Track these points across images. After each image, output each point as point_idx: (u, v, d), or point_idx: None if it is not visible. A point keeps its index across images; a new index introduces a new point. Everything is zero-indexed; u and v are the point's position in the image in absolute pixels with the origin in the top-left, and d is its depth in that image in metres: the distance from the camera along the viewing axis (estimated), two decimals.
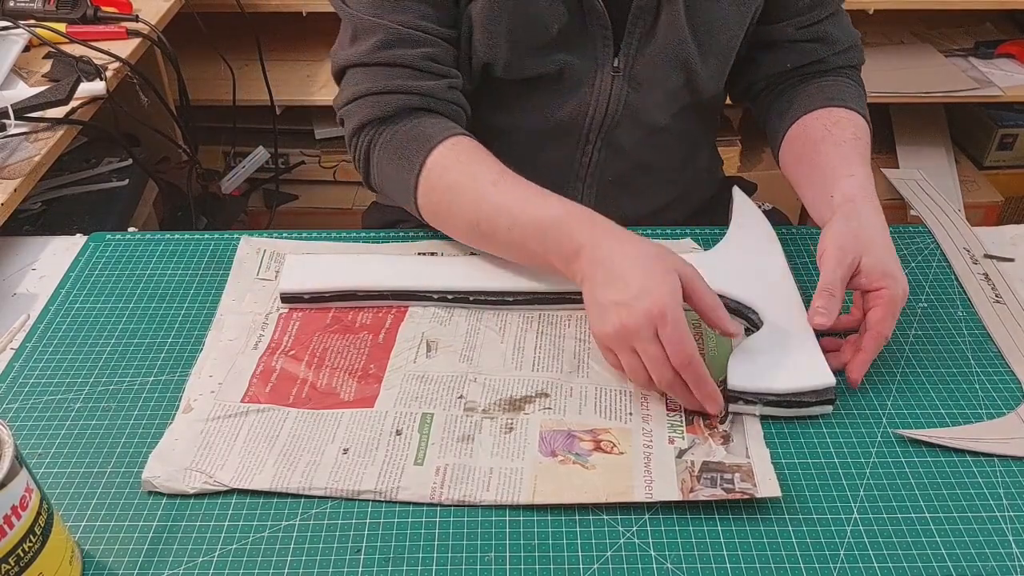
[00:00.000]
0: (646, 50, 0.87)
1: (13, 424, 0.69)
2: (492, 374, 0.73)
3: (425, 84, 0.82)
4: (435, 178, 0.79)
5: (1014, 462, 0.68)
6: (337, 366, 0.74)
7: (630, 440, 0.67)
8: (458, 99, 0.85)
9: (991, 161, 1.95)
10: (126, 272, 0.86)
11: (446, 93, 0.83)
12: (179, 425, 0.69)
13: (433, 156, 0.79)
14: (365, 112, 0.82)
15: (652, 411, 0.70)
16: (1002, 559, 0.61)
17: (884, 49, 1.90)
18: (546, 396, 0.71)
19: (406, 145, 0.80)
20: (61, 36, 1.24)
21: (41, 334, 0.78)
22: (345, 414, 0.70)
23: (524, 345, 0.77)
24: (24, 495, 0.53)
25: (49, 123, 1.05)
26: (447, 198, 0.79)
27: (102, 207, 1.35)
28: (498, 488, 0.64)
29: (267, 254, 0.86)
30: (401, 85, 0.81)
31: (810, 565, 0.60)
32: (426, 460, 0.66)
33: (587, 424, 0.69)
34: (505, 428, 0.68)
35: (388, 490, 0.64)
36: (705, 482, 0.64)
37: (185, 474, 0.65)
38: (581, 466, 0.65)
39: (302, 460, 0.66)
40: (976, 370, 0.76)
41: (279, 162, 1.86)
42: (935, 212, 0.97)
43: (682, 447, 0.67)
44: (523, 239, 0.75)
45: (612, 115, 0.90)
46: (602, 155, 0.93)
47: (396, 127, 0.81)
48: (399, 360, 0.75)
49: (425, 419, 0.69)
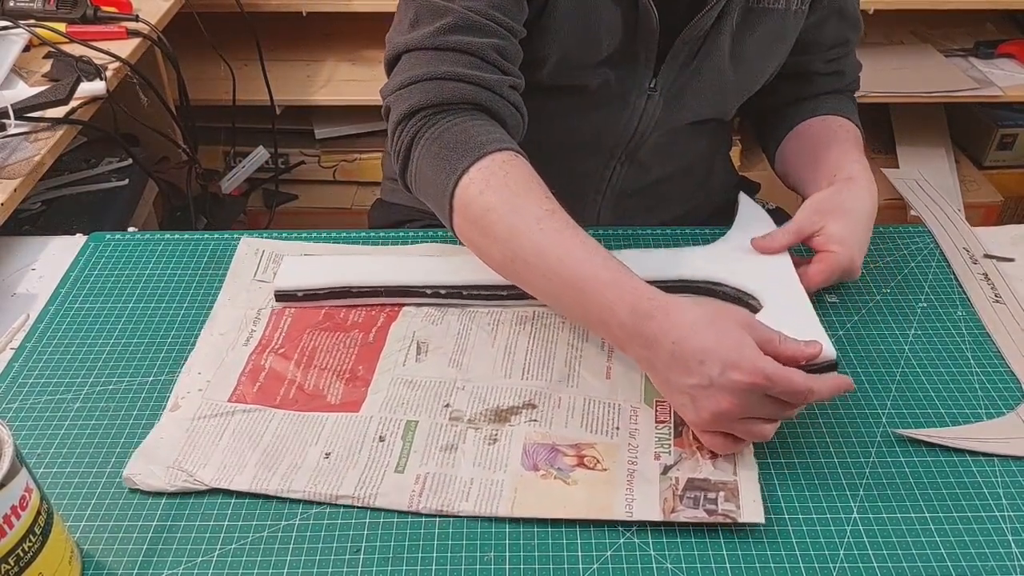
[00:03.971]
0: (684, 75, 0.87)
1: (13, 424, 0.69)
2: (480, 381, 0.73)
3: (489, 77, 0.75)
4: (475, 193, 0.70)
5: (1014, 462, 0.68)
6: (326, 366, 0.74)
7: (615, 456, 0.66)
8: (518, 101, 0.78)
9: (991, 161, 1.95)
10: (126, 272, 0.86)
11: (507, 92, 0.77)
12: (166, 423, 0.69)
13: (478, 166, 0.70)
14: (417, 98, 0.74)
15: (640, 424, 0.69)
16: (1002, 559, 0.61)
17: (884, 49, 1.90)
18: (533, 407, 0.70)
19: (453, 147, 0.72)
20: (61, 36, 1.24)
21: (41, 334, 0.78)
22: (330, 418, 0.70)
23: (515, 349, 0.76)
24: (24, 495, 0.53)
25: (49, 123, 1.05)
26: (483, 222, 0.71)
27: (102, 207, 1.35)
28: (477, 499, 0.63)
29: (266, 255, 0.86)
30: (463, 73, 0.73)
31: (810, 565, 0.60)
32: (407, 468, 0.65)
33: (572, 438, 0.68)
34: (489, 439, 0.68)
35: (366, 496, 0.63)
36: (688, 502, 0.63)
37: (167, 472, 0.65)
38: (563, 481, 0.65)
39: (284, 462, 0.66)
40: (976, 370, 0.76)
41: (279, 162, 1.86)
42: (935, 212, 0.97)
43: (668, 463, 0.66)
44: (560, 293, 0.69)
45: (641, 134, 0.90)
46: (624, 170, 0.93)
47: (447, 122, 0.73)
48: (388, 362, 0.75)
49: (409, 426, 0.69)
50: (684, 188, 1.00)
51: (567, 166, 0.92)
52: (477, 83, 0.74)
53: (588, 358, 0.74)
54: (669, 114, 0.89)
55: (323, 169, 1.90)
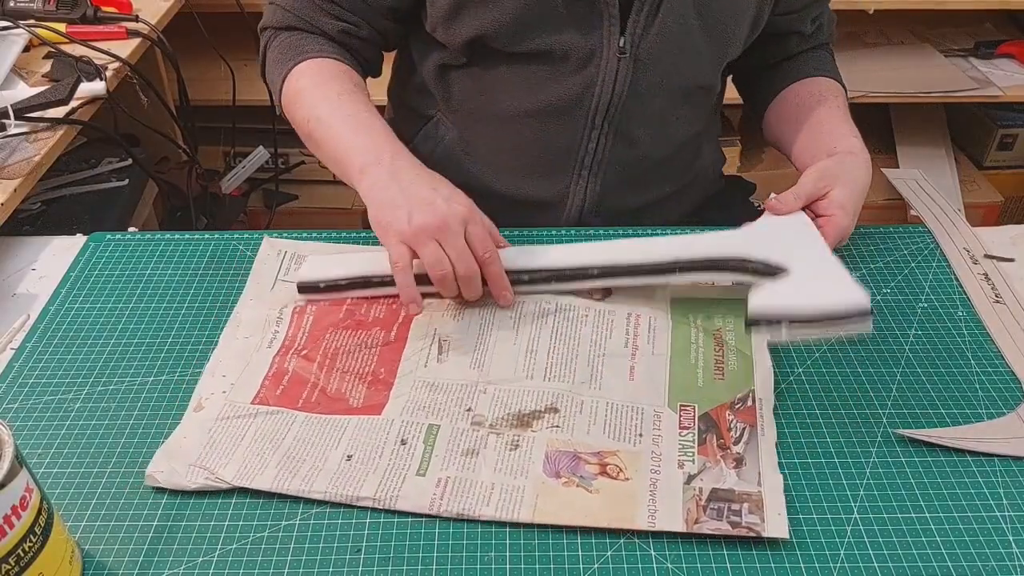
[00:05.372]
0: (651, 31, 0.87)
1: (13, 424, 0.69)
2: (502, 384, 0.72)
3: (322, 19, 0.92)
4: (294, 81, 0.89)
5: (1014, 462, 0.68)
6: (348, 369, 0.74)
7: (638, 464, 0.66)
8: (347, 41, 0.93)
9: (991, 161, 1.95)
10: (126, 272, 0.86)
11: (338, 34, 0.92)
12: (189, 423, 0.69)
13: (301, 65, 0.89)
14: (268, 17, 0.95)
15: (664, 431, 0.68)
16: (1002, 559, 0.61)
17: (884, 49, 1.91)
18: (555, 412, 0.70)
19: (286, 51, 0.92)
20: (61, 36, 1.24)
21: (41, 334, 0.78)
22: (352, 420, 0.70)
23: (537, 347, 0.75)
24: (24, 495, 0.53)
25: (49, 123, 1.05)
26: (296, 97, 0.89)
27: (102, 207, 1.35)
28: (498, 504, 0.63)
29: (288, 255, 0.86)
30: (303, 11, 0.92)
31: (810, 565, 0.60)
32: (428, 471, 0.65)
33: (595, 446, 0.67)
34: (511, 445, 0.67)
35: (387, 498, 0.63)
36: (712, 513, 0.62)
37: (189, 470, 0.65)
38: (585, 489, 0.64)
39: (305, 464, 0.66)
40: (976, 370, 0.76)
41: (279, 162, 1.86)
42: (935, 212, 0.97)
43: (691, 472, 0.65)
44: (331, 147, 0.84)
45: (618, 98, 0.90)
46: (609, 142, 0.93)
47: (285, 36, 0.93)
48: (409, 364, 0.74)
49: (431, 430, 0.69)
50: (672, 167, 1.00)
51: (545, 135, 0.93)
52: (310, 21, 0.92)
53: (611, 358, 0.74)
54: (642, 77, 0.89)
55: (323, 169, 1.89)
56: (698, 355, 0.75)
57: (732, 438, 0.68)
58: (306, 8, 0.92)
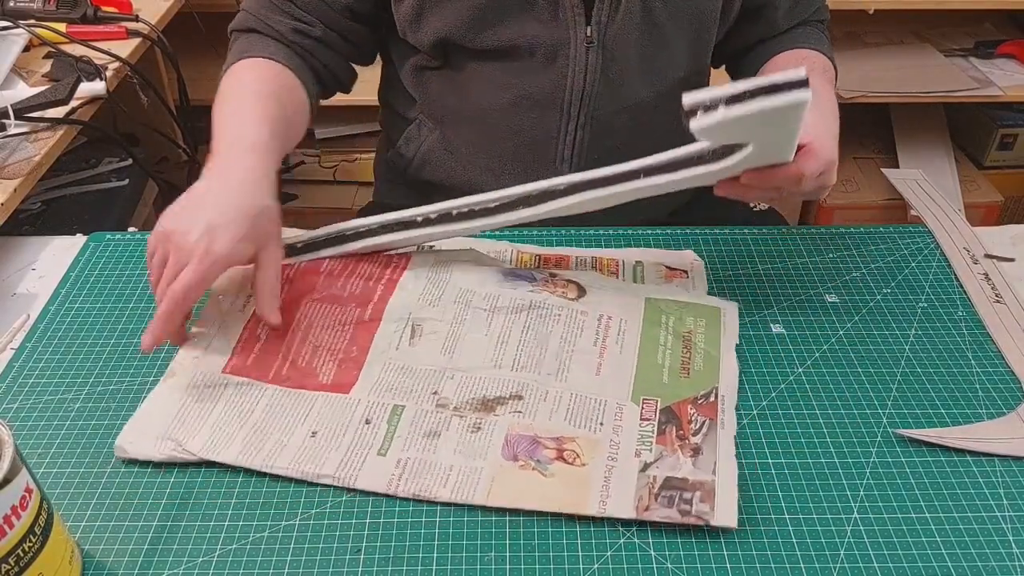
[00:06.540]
0: (616, 17, 0.87)
1: (13, 424, 0.69)
2: (471, 371, 0.73)
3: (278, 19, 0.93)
4: (224, 81, 0.90)
5: (1014, 462, 0.68)
6: (320, 343, 0.75)
7: (595, 451, 0.66)
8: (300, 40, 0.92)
9: (991, 161, 1.95)
10: (126, 272, 0.86)
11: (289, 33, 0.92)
12: (159, 391, 0.70)
13: (235, 66, 0.90)
14: (234, 21, 0.97)
15: (624, 421, 0.69)
16: (1002, 559, 0.61)
17: (884, 49, 1.90)
18: (519, 399, 0.70)
19: (234, 54, 0.93)
20: (61, 36, 1.24)
21: (41, 334, 0.78)
22: (320, 397, 0.70)
23: (508, 339, 0.76)
24: (24, 495, 0.53)
25: (49, 123, 1.05)
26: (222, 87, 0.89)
27: (102, 207, 1.35)
28: (455, 486, 0.64)
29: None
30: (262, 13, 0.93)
31: (810, 565, 0.60)
32: (390, 451, 0.66)
33: (554, 431, 0.68)
34: (473, 428, 0.68)
35: (347, 476, 0.64)
36: (663, 501, 0.62)
37: (156, 441, 0.66)
38: (540, 473, 0.65)
39: (271, 439, 0.67)
40: (976, 370, 0.76)
41: None
42: (935, 212, 0.97)
43: (648, 460, 0.66)
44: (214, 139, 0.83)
45: (591, 88, 0.90)
46: (587, 133, 0.93)
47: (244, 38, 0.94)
48: (381, 345, 0.75)
49: (396, 411, 0.69)
50: None
51: (522, 129, 0.93)
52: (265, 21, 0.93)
53: (580, 353, 0.74)
54: (616, 64, 0.89)
55: (323, 169, 1.91)
56: (665, 356, 0.75)
57: (691, 430, 0.68)
58: (263, 8, 0.93)
